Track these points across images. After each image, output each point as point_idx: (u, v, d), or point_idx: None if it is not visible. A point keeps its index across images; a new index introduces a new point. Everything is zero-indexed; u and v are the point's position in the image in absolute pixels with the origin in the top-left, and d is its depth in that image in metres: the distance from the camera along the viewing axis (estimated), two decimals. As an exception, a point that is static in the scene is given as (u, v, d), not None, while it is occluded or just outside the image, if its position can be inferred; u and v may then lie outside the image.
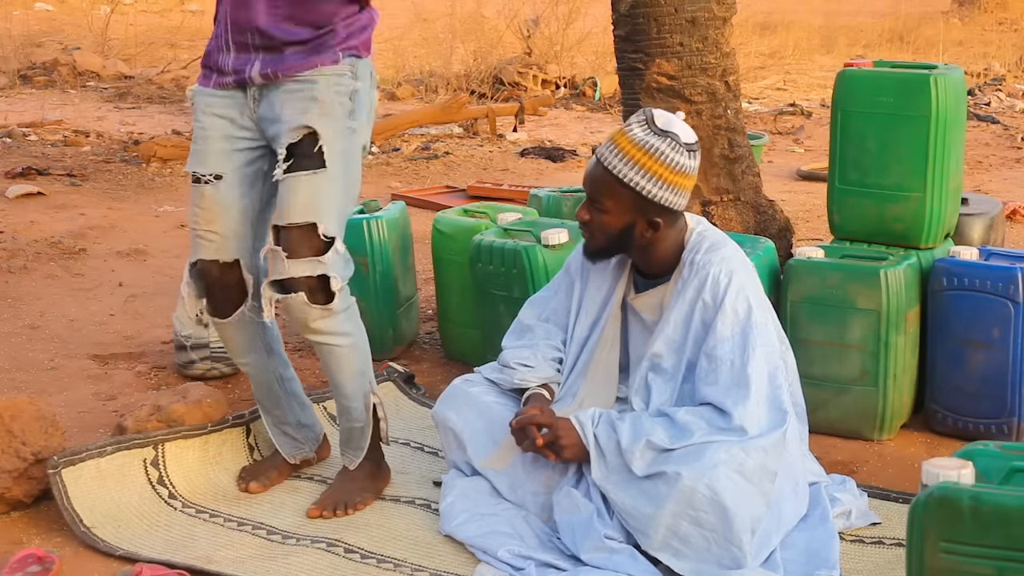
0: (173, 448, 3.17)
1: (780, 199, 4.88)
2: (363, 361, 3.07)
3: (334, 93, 2.91)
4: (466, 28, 11.84)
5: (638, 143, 2.77)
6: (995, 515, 1.97)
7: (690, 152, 2.80)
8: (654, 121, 2.79)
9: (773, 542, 2.69)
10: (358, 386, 3.08)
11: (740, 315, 2.78)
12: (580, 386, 2.99)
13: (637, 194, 2.78)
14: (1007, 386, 3.42)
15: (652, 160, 2.77)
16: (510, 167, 7.96)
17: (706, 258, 2.83)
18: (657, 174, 2.77)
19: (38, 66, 11.05)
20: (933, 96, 3.54)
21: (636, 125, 2.80)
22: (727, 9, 4.09)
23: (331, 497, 3.08)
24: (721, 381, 2.74)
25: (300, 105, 2.89)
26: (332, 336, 2.98)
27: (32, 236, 5.73)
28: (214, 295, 3.06)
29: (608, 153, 2.80)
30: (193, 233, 3.03)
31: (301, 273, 2.87)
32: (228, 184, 2.97)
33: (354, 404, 3.09)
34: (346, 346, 3.01)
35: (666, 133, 2.78)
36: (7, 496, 2.98)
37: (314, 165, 2.87)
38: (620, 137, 2.80)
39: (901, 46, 13.28)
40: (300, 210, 2.86)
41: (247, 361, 3.17)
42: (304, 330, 2.96)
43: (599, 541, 2.69)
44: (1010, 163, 8.17)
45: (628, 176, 2.77)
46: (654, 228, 2.82)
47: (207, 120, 2.98)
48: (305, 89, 2.89)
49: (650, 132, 2.78)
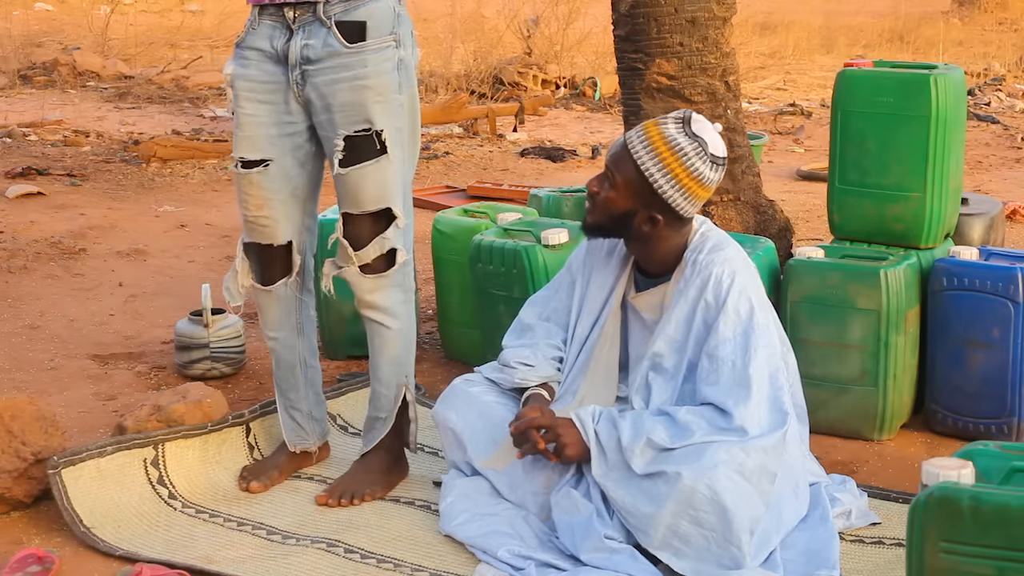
0: (173, 448, 3.17)
1: (780, 199, 4.88)
2: (406, 350, 3.15)
3: (383, 72, 2.94)
4: (466, 28, 11.83)
5: (666, 138, 2.78)
6: (995, 515, 1.97)
7: (714, 164, 2.80)
8: (690, 123, 2.79)
9: (773, 542, 2.69)
10: (393, 373, 3.14)
11: (742, 316, 2.78)
12: (580, 384, 2.99)
13: (648, 185, 2.78)
14: (1007, 386, 3.42)
15: (674, 158, 2.77)
16: (510, 167, 7.96)
17: (709, 258, 2.83)
18: (674, 173, 2.77)
19: (38, 66, 11.05)
20: (933, 96, 3.54)
21: (672, 121, 2.80)
22: (727, 9, 4.09)
23: (341, 485, 3.12)
24: (722, 381, 2.74)
25: (353, 96, 2.93)
26: (383, 314, 3.06)
27: (32, 236, 5.73)
28: (262, 266, 3.14)
29: (636, 138, 2.81)
30: (244, 217, 3.09)
31: (371, 258, 3.00)
32: (277, 168, 3.03)
33: (385, 391, 3.14)
34: (394, 329, 3.10)
35: (696, 137, 2.78)
36: (7, 496, 2.98)
37: (375, 154, 2.96)
38: (652, 127, 2.81)
39: (901, 46, 13.27)
40: (373, 199, 2.99)
41: (277, 336, 3.21)
42: (359, 303, 3.07)
43: (599, 541, 2.69)
44: (1010, 163, 8.17)
45: (646, 166, 2.78)
46: (652, 223, 2.82)
47: (252, 107, 3.01)
48: (355, 70, 2.92)
49: (682, 132, 2.78)
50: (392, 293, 3.07)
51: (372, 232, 3.01)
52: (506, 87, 10.55)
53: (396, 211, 3.01)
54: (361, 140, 2.95)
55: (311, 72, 2.95)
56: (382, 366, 3.14)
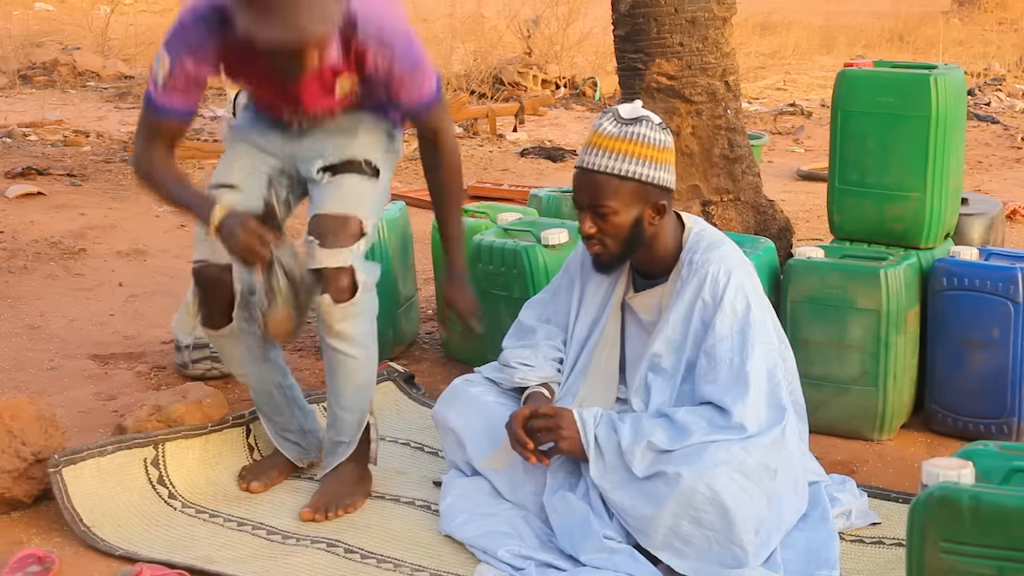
0: (173, 448, 3.17)
1: (780, 199, 4.88)
2: (370, 376, 3.10)
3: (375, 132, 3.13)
4: (466, 28, 11.84)
5: (620, 136, 2.78)
6: (995, 515, 1.97)
7: (663, 128, 2.84)
8: (620, 115, 2.81)
9: (774, 541, 2.69)
10: (358, 400, 3.09)
11: (739, 313, 2.78)
12: (580, 386, 2.99)
13: (638, 183, 2.78)
14: (1007, 386, 3.42)
15: (639, 146, 2.77)
16: (510, 167, 7.96)
17: (705, 257, 2.83)
18: (649, 156, 2.78)
19: (38, 66, 11.06)
20: (933, 96, 3.54)
21: (607, 123, 2.81)
22: (727, 9, 4.09)
23: (322, 499, 3.07)
24: (720, 379, 2.74)
25: (341, 140, 3.07)
26: (351, 344, 3.01)
27: (32, 236, 5.73)
28: (208, 302, 3.07)
29: (594, 158, 2.79)
30: (196, 236, 3.06)
31: (333, 263, 2.94)
32: (242, 194, 3.04)
33: (349, 417, 3.10)
34: (360, 358, 3.05)
35: (637, 120, 2.80)
36: (7, 496, 2.98)
37: (362, 172, 3.06)
38: (598, 139, 2.80)
39: (901, 46, 13.28)
40: (344, 203, 3.00)
41: (244, 372, 3.20)
42: (328, 332, 2.99)
43: (598, 541, 2.69)
44: (1010, 163, 8.18)
45: (624, 169, 2.77)
46: (660, 213, 2.82)
47: (238, 146, 3.12)
48: (347, 129, 3.07)
49: (622, 124, 2.79)
50: (360, 322, 3.01)
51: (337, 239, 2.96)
52: (506, 87, 10.56)
53: (366, 227, 3.00)
54: (347, 165, 3.07)
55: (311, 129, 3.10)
56: (347, 393, 3.08)
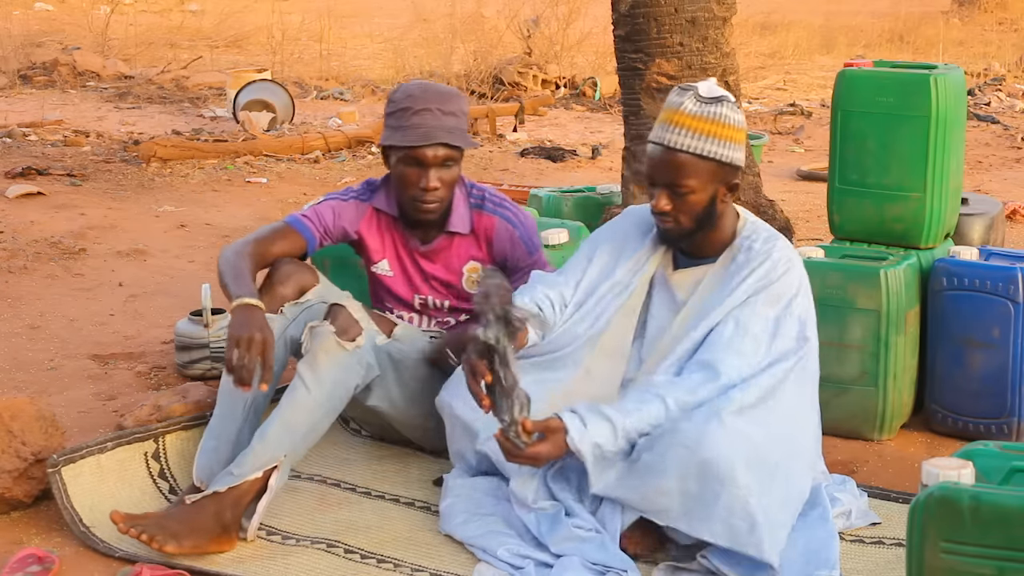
0: (174, 440, 3.17)
1: (780, 199, 4.88)
2: (309, 426, 2.95)
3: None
4: (466, 28, 11.83)
5: (701, 116, 2.78)
6: (995, 515, 1.97)
7: (738, 108, 2.87)
8: (700, 94, 2.81)
9: (788, 515, 2.70)
10: (278, 436, 2.90)
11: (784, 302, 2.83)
12: (585, 356, 2.96)
13: (718, 163, 2.80)
14: (1007, 386, 3.42)
15: (720, 127, 2.79)
16: (510, 167, 7.96)
17: (766, 247, 2.87)
18: (729, 137, 2.80)
19: (38, 66, 11.05)
20: (933, 96, 3.54)
21: (688, 102, 2.80)
22: (727, 9, 4.09)
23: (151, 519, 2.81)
24: (735, 347, 2.76)
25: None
26: (314, 375, 2.94)
27: (32, 236, 5.73)
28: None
29: (676, 136, 2.79)
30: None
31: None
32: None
33: (258, 450, 2.88)
34: (313, 399, 2.94)
35: (717, 99, 2.80)
36: (7, 496, 2.98)
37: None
38: (679, 117, 2.79)
39: (901, 46, 13.28)
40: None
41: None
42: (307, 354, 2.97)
43: (567, 531, 2.73)
44: (1010, 163, 8.17)
45: (707, 149, 2.78)
46: (733, 191, 2.86)
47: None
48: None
49: (703, 103, 2.79)
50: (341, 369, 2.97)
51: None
52: (506, 87, 10.56)
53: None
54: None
55: None
56: (275, 423, 2.91)
